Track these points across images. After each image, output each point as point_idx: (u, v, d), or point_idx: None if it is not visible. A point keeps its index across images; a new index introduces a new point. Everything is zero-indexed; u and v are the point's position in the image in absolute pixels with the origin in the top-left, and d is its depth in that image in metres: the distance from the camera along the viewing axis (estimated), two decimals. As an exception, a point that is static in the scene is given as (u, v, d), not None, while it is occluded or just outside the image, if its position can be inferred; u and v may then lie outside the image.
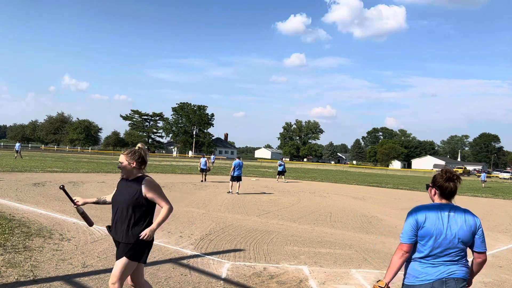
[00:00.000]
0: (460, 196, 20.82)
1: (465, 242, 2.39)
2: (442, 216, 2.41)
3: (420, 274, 2.40)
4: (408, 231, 2.45)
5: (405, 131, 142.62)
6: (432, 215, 2.42)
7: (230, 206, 11.20)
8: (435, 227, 2.38)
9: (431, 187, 2.58)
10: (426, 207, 2.48)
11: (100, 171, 22.02)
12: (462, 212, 2.45)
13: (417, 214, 2.45)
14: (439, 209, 2.45)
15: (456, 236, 2.37)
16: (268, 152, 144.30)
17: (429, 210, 2.45)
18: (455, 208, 2.46)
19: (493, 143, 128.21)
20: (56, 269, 4.62)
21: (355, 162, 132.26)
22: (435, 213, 2.43)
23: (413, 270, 2.45)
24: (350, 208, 12.54)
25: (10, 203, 9.10)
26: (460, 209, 2.46)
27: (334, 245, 7.00)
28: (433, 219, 2.40)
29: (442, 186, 2.49)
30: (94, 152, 74.93)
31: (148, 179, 3.44)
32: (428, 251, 2.40)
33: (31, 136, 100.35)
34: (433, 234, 2.38)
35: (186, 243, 6.37)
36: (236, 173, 14.49)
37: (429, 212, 2.44)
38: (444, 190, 2.49)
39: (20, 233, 6.15)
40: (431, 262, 2.39)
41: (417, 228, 2.42)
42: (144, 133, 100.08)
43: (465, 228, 2.38)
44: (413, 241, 2.44)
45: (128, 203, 3.36)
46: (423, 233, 2.41)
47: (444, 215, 2.42)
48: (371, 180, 32.10)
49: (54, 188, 12.59)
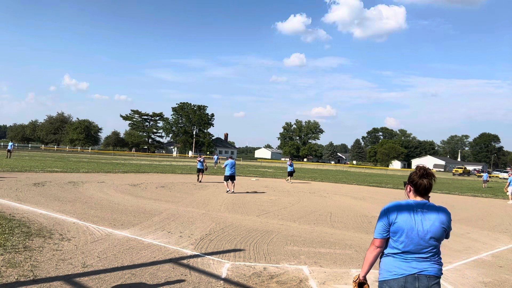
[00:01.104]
0: (460, 196, 20.82)
1: (437, 238, 2.41)
2: (414, 213, 2.44)
3: (393, 268, 2.43)
4: (379, 226, 2.50)
5: (405, 131, 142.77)
6: (404, 212, 2.44)
7: (230, 206, 11.20)
8: (406, 224, 2.41)
9: (407, 184, 2.62)
10: (399, 204, 2.51)
11: (100, 171, 22.03)
12: (435, 209, 2.47)
13: (389, 211, 2.48)
14: (412, 206, 2.47)
15: (428, 232, 2.39)
16: (268, 152, 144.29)
17: (402, 207, 2.48)
18: (429, 205, 2.48)
19: (493, 143, 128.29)
20: (56, 269, 4.62)
21: (355, 162, 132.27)
22: (407, 209, 2.45)
23: (386, 265, 2.49)
24: (350, 208, 12.54)
25: (10, 203, 9.10)
26: (433, 206, 2.48)
27: (334, 245, 6.99)
28: (405, 216, 2.43)
29: (416, 183, 2.52)
30: (94, 152, 74.94)
31: None
32: (400, 247, 2.42)
33: (31, 136, 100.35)
34: (405, 230, 2.40)
35: (186, 243, 6.37)
36: (228, 172, 14.56)
37: (401, 208, 2.47)
38: (418, 187, 2.51)
39: (20, 233, 6.15)
40: (404, 257, 2.42)
41: (389, 224, 2.46)
42: (144, 133, 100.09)
43: (437, 225, 2.40)
44: (385, 236, 2.48)
45: None
46: (394, 229, 2.44)
47: (417, 212, 2.44)
48: (371, 180, 32.10)
49: (54, 188, 12.59)
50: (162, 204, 10.63)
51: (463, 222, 10.95)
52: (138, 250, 5.72)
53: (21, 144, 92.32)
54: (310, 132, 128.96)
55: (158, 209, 9.78)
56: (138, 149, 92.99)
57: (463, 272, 5.72)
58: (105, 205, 9.90)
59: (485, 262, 6.47)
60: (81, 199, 10.54)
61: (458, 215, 12.39)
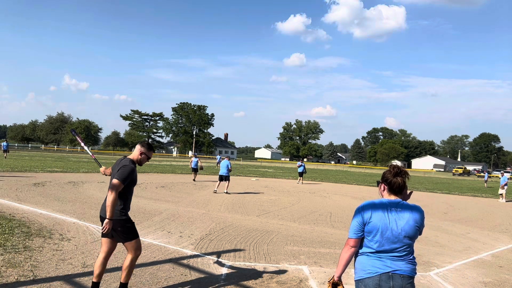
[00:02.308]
0: (461, 196, 20.83)
1: (411, 237, 2.41)
2: (388, 211, 2.44)
3: (368, 267, 2.43)
4: (354, 226, 2.50)
5: (405, 131, 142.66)
6: (379, 211, 2.44)
7: (230, 206, 11.20)
8: (381, 223, 2.40)
9: (381, 183, 2.61)
10: (373, 203, 2.51)
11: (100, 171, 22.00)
12: (409, 207, 2.46)
13: (363, 210, 2.48)
14: (386, 205, 2.47)
15: (402, 231, 2.39)
16: (268, 152, 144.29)
17: (376, 206, 2.48)
18: (402, 204, 2.48)
19: (493, 143, 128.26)
20: (56, 269, 4.62)
21: (355, 162, 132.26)
22: (381, 208, 2.45)
23: (360, 264, 2.49)
24: (350, 208, 12.53)
25: (10, 203, 9.10)
26: (407, 205, 2.48)
27: (334, 245, 6.99)
28: (379, 215, 2.43)
29: (390, 181, 2.53)
30: (94, 152, 74.90)
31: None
32: (374, 246, 2.42)
33: (31, 136, 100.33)
34: (379, 229, 2.40)
35: (186, 243, 6.37)
36: (220, 172, 14.54)
37: (375, 207, 2.47)
38: (392, 185, 2.52)
39: (20, 233, 6.15)
40: (378, 256, 2.42)
41: (364, 224, 2.45)
42: (144, 133, 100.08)
43: (411, 223, 2.40)
44: (359, 236, 2.48)
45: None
46: (369, 228, 2.43)
47: (391, 210, 2.44)
48: (371, 180, 32.10)
49: (54, 188, 12.59)
50: (162, 204, 10.63)
51: (463, 222, 10.95)
52: (138, 250, 5.72)
53: (21, 144, 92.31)
54: (310, 132, 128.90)
55: (158, 209, 9.78)
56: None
57: (463, 272, 5.72)
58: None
59: (485, 262, 6.47)
60: (81, 199, 10.54)
61: (458, 215, 12.39)
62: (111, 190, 3.65)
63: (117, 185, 3.66)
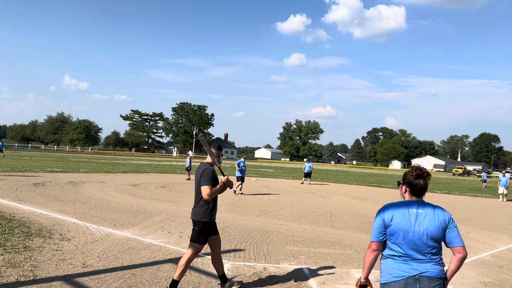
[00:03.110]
0: (460, 196, 20.82)
1: (435, 239, 2.36)
2: (410, 213, 2.39)
3: (394, 271, 2.39)
4: (375, 229, 2.46)
5: (405, 131, 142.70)
6: (400, 213, 2.40)
7: (230, 206, 11.20)
8: (403, 225, 2.36)
9: (402, 184, 2.56)
10: (394, 205, 2.46)
11: (100, 171, 22.02)
12: (431, 208, 2.42)
13: (384, 213, 2.44)
14: (407, 207, 2.42)
15: (424, 233, 2.34)
16: (268, 152, 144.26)
17: (397, 208, 2.43)
18: (424, 205, 2.43)
19: (493, 143, 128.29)
20: (56, 269, 4.62)
21: (355, 162, 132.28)
22: (403, 210, 2.41)
23: (386, 268, 2.44)
24: (350, 208, 12.54)
25: (10, 203, 9.10)
26: (430, 206, 2.43)
27: (334, 245, 6.99)
28: (401, 217, 2.38)
29: (412, 183, 2.47)
30: (94, 152, 74.92)
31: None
32: (398, 249, 2.39)
33: (31, 136, 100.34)
34: (401, 232, 2.36)
35: (186, 243, 6.37)
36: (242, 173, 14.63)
37: (397, 210, 2.42)
38: (414, 187, 2.46)
39: (20, 233, 6.15)
40: (404, 259, 2.38)
41: (385, 226, 2.42)
42: (144, 133, 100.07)
43: (434, 225, 2.35)
44: (381, 239, 2.45)
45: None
46: (391, 231, 2.40)
47: (412, 212, 2.39)
48: (371, 180, 32.09)
49: (54, 188, 12.59)
50: (162, 204, 10.63)
51: (463, 222, 10.95)
52: (138, 250, 5.72)
53: (21, 144, 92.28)
54: (310, 132, 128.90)
55: (158, 209, 9.78)
56: (138, 149, 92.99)
57: (463, 272, 5.72)
58: (105, 205, 9.89)
59: (485, 262, 6.47)
60: (81, 199, 10.54)
61: (458, 215, 12.38)
62: (206, 194, 4.02)
63: (207, 188, 4.03)
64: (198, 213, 4.14)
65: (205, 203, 4.12)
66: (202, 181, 4.05)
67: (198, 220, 4.11)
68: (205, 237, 4.14)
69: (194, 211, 4.20)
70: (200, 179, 4.09)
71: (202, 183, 4.04)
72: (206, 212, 4.12)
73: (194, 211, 4.20)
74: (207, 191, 4.00)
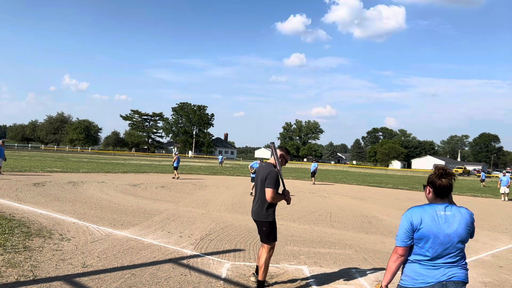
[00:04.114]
0: (460, 196, 20.82)
1: (464, 240, 2.33)
2: (438, 216, 2.34)
3: (420, 276, 2.33)
4: (402, 234, 2.39)
5: (405, 131, 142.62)
6: (428, 216, 2.34)
7: (230, 206, 11.20)
8: (432, 229, 2.30)
9: (426, 185, 2.50)
10: (420, 208, 2.40)
11: (100, 171, 22.03)
12: (458, 210, 2.38)
13: (412, 216, 2.37)
14: (434, 209, 2.37)
15: (453, 236, 2.30)
16: (268, 152, 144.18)
17: (424, 211, 2.37)
18: (451, 207, 2.38)
19: (493, 143, 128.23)
20: (56, 269, 4.62)
21: (355, 162, 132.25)
22: (430, 213, 2.35)
23: (412, 272, 2.37)
24: (350, 208, 12.54)
25: (10, 203, 9.10)
26: (455, 208, 2.39)
27: (334, 245, 7.00)
28: (429, 220, 2.32)
29: (435, 183, 2.41)
30: (94, 152, 74.92)
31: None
32: (426, 253, 2.33)
33: (31, 136, 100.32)
34: (430, 236, 2.30)
35: (186, 243, 6.37)
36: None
37: (424, 213, 2.36)
38: (438, 188, 2.40)
39: (20, 233, 6.15)
40: (432, 264, 2.32)
41: (413, 231, 2.35)
42: (144, 133, 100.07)
43: (463, 227, 2.32)
44: (408, 244, 2.38)
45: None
46: (419, 235, 2.33)
47: (440, 215, 2.34)
48: (371, 180, 32.10)
49: (54, 188, 12.59)
50: (162, 204, 10.63)
51: (463, 222, 10.95)
52: (138, 250, 5.72)
53: (21, 144, 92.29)
54: (310, 132, 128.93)
55: (158, 209, 9.78)
56: (138, 149, 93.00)
57: (463, 272, 5.72)
58: (105, 205, 9.89)
59: (485, 262, 6.47)
60: (81, 199, 10.54)
61: (458, 215, 12.39)
62: (270, 197, 4.17)
63: (272, 192, 4.18)
64: (261, 214, 4.29)
65: (264, 203, 4.25)
66: (268, 183, 4.17)
67: (263, 220, 4.29)
68: (274, 235, 4.34)
69: (256, 212, 4.35)
70: (265, 180, 4.21)
71: (268, 185, 4.16)
72: (269, 211, 4.28)
73: (256, 211, 4.35)
74: (271, 194, 4.14)
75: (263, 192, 4.23)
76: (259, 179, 4.34)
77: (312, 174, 23.07)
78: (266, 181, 4.17)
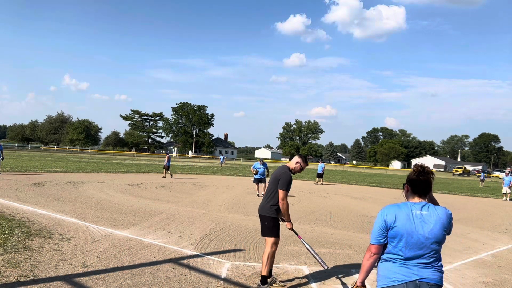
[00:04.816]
0: (460, 196, 20.83)
1: (439, 241, 2.27)
2: (413, 215, 2.29)
3: (393, 274, 2.29)
4: (376, 231, 2.36)
5: (405, 131, 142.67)
6: (402, 215, 2.30)
7: (230, 206, 11.20)
8: (406, 228, 2.26)
9: (406, 184, 2.46)
10: (396, 206, 2.36)
11: (100, 171, 22.03)
12: (434, 210, 2.32)
13: (386, 214, 2.34)
14: (410, 208, 2.33)
15: (428, 236, 2.25)
16: (268, 152, 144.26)
17: (400, 209, 2.33)
18: (428, 206, 2.33)
19: (493, 143, 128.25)
20: (56, 269, 4.62)
21: (355, 162, 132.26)
22: (405, 212, 2.31)
23: (385, 271, 2.34)
24: (350, 208, 12.54)
25: (10, 203, 9.10)
26: (432, 207, 2.34)
27: (334, 245, 7.00)
28: (403, 219, 2.28)
29: (413, 181, 2.38)
30: (94, 152, 74.92)
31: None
32: (400, 252, 2.29)
33: (31, 136, 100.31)
34: (404, 234, 2.26)
35: (186, 243, 6.37)
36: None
37: (399, 211, 2.32)
38: (416, 186, 2.37)
39: (20, 233, 6.15)
40: (404, 262, 2.28)
41: (387, 229, 2.32)
42: (144, 133, 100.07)
43: (438, 227, 2.27)
44: (382, 242, 2.34)
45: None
46: (393, 233, 2.29)
47: (416, 214, 2.29)
48: (371, 180, 32.10)
49: (54, 188, 12.59)
50: (162, 204, 10.63)
51: (463, 222, 10.95)
52: (138, 250, 5.72)
53: (21, 144, 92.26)
54: (310, 132, 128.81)
55: (158, 209, 9.78)
56: (138, 149, 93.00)
57: (463, 272, 5.72)
58: (105, 205, 9.89)
59: (485, 262, 6.47)
60: (81, 199, 10.54)
61: (458, 215, 12.39)
62: (281, 198, 4.38)
63: (283, 193, 4.37)
64: (265, 208, 4.46)
65: (271, 199, 4.43)
66: (280, 184, 4.36)
67: (266, 215, 4.44)
68: (276, 231, 4.47)
69: (261, 206, 4.53)
70: (278, 180, 4.40)
71: (280, 186, 4.36)
72: (272, 208, 4.42)
73: (262, 205, 4.53)
74: (282, 196, 4.34)
75: (273, 188, 4.43)
76: (272, 177, 4.56)
77: (319, 175, 23.05)
78: (280, 182, 4.38)
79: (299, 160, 4.66)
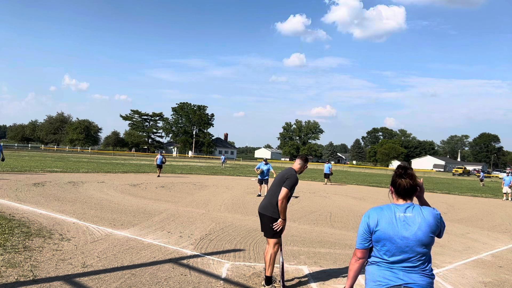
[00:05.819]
0: (460, 196, 20.83)
1: (425, 244, 2.17)
2: (396, 218, 2.21)
3: (377, 278, 2.22)
4: (360, 235, 2.30)
5: (405, 131, 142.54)
6: (384, 218, 2.22)
7: (230, 206, 11.20)
8: (387, 231, 2.19)
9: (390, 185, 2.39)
10: (379, 209, 2.29)
11: (100, 171, 22.02)
12: (419, 212, 2.23)
13: (369, 218, 2.27)
14: (394, 210, 2.25)
15: (412, 239, 2.15)
16: (268, 152, 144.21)
17: (382, 212, 2.26)
18: (412, 208, 2.24)
19: (493, 143, 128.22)
20: (56, 269, 4.62)
21: (355, 162, 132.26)
22: (388, 215, 2.23)
23: (370, 275, 2.29)
24: (350, 208, 12.54)
25: (10, 203, 9.09)
26: (418, 209, 2.25)
27: (334, 245, 6.99)
28: (385, 222, 2.21)
29: (395, 182, 2.30)
30: (94, 152, 74.89)
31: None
32: (384, 256, 2.22)
33: (31, 136, 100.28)
34: (387, 238, 2.19)
35: (186, 243, 6.37)
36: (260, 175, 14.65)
37: (381, 214, 2.25)
38: (397, 187, 2.29)
39: (20, 233, 6.15)
40: (389, 266, 2.21)
41: (370, 233, 2.25)
42: (144, 133, 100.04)
43: (424, 229, 2.16)
44: (366, 246, 2.28)
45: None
46: (376, 237, 2.23)
47: (399, 217, 2.21)
48: (371, 180, 32.10)
49: (54, 188, 12.59)
50: (162, 204, 10.63)
51: (463, 222, 10.95)
52: (138, 250, 5.72)
53: (21, 144, 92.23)
54: (310, 132, 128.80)
55: (158, 209, 9.78)
56: (138, 149, 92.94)
57: (463, 272, 5.72)
58: (105, 205, 9.89)
59: (485, 262, 6.47)
60: (81, 199, 10.54)
61: (458, 215, 12.39)
62: (282, 197, 4.36)
63: (286, 192, 4.38)
64: (268, 208, 4.44)
65: (274, 199, 4.42)
66: (286, 184, 4.38)
67: (269, 215, 4.40)
68: (280, 232, 4.42)
69: (263, 205, 4.51)
70: (284, 180, 4.44)
71: (285, 185, 4.37)
72: (275, 208, 4.40)
73: (264, 205, 4.51)
74: (284, 194, 4.34)
75: (277, 189, 4.44)
76: (278, 178, 4.57)
77: (326, 175, 23.11)
78: (286, 181, 4.40)
79: (299, 161, 4.77)
